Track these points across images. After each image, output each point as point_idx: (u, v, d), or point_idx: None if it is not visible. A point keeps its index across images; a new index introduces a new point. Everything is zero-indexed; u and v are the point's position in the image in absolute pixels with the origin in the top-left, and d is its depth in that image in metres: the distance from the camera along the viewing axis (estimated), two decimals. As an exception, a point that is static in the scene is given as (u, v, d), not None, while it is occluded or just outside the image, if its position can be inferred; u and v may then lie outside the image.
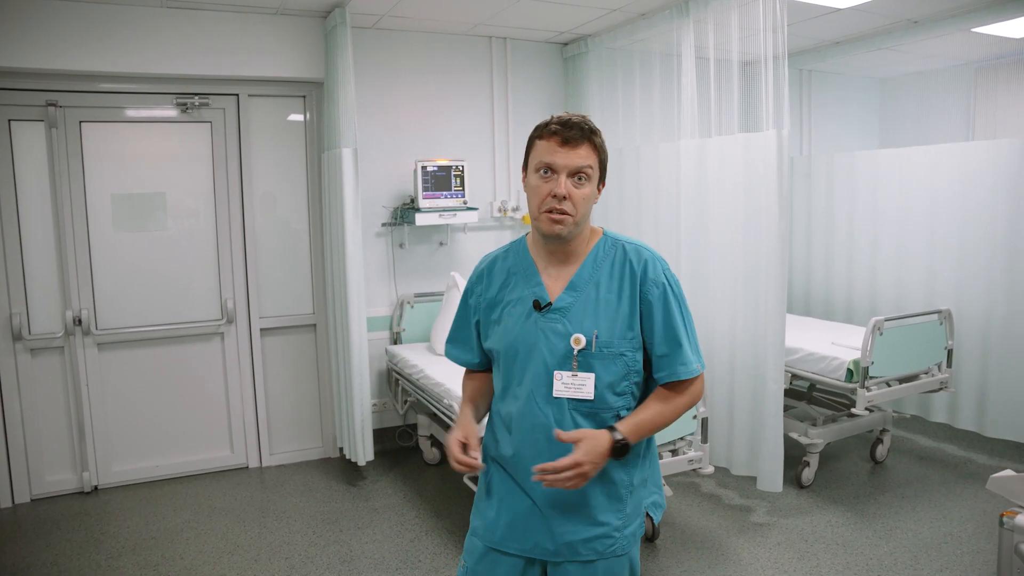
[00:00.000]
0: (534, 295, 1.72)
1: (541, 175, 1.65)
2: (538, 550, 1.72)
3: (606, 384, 1.67)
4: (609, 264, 1.72)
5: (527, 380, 1.70)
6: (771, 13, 3.56)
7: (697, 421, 3.26)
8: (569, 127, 1.62)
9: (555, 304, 1.70)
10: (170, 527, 3.79)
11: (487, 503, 1.80)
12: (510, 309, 1.75)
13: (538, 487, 1.68)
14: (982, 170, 4.48)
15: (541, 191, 1.65)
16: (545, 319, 1.70)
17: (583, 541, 1.70)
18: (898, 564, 3.31)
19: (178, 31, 4.04)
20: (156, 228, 4.32)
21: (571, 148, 1.62)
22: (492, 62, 4.99)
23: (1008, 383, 4.40)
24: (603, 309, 1.69)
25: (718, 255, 3.99)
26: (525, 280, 1.76)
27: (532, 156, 1.69)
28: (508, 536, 1.75)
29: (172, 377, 4.42)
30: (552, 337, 1.68)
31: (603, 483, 1.69)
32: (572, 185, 1.63)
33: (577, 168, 1.63)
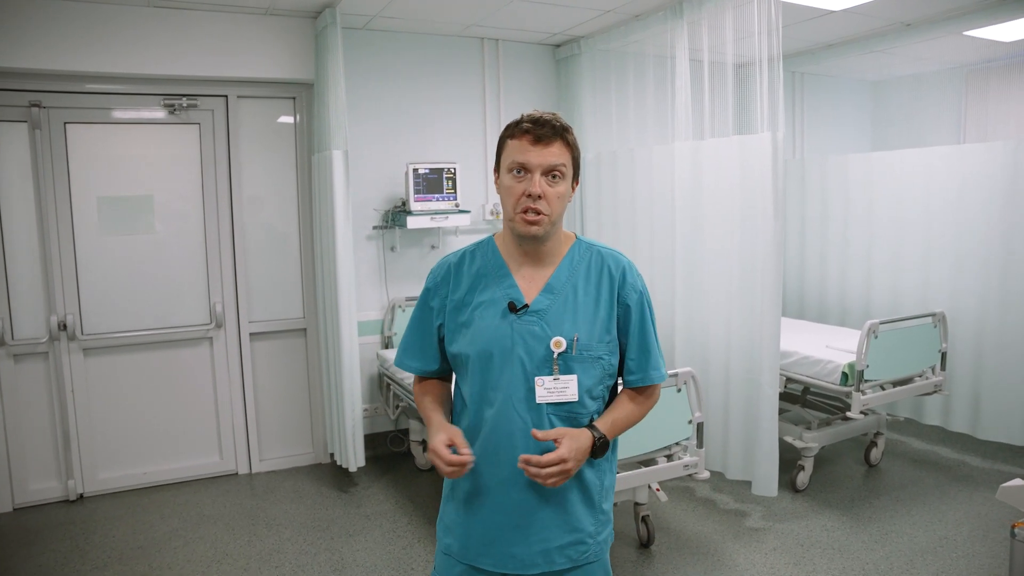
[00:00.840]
0: (508, 296, 1.67)
1: (514, 175, 1.62)
2: (514, 563, 1.67)
3: (585, 388, 1.66)
4: (585, 268, 1.71)
5: (503, 384, 1.64)
6: (766, 15, 3.55)
7: (692, 426, 3.23)
8: (541, 125, 1.60)
9: (532, 306, 1.66)
10: (158, 536, 3.73)
11: (458, 517, 1.73)
12: (481, 311, 1.68)
13: (513, 494, 1.65)
14: (975, 173, 4.48)
15: (515, 191, 1.62)
16: (521, 321, 1.65)
17: (558, 548, 1.67)
18: (894, 569, 3.28)
19: (165, 31, 3.98)
20: (144, 231, 4.26)
21: (544, 146, 1.60)
22: (484, 64, 4.95)
23: (1001, 385, 4.39)
24: (581, 312, 1.67)
25: (713, 258, 3.97)
26: (497, 281, 1.70)
27: (504, 156, 1.66)
28: (483, 552, 1.69)
29: (160, 382, 4.35)
30: (529, 340, 1.64)
31: (579, 488, 1.69)
32: (546, 184, 1.61)
33: (551, 166, 1.60)
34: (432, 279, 1.78)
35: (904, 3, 4.28)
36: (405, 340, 1.83)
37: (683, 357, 4.14)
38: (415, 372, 1.83)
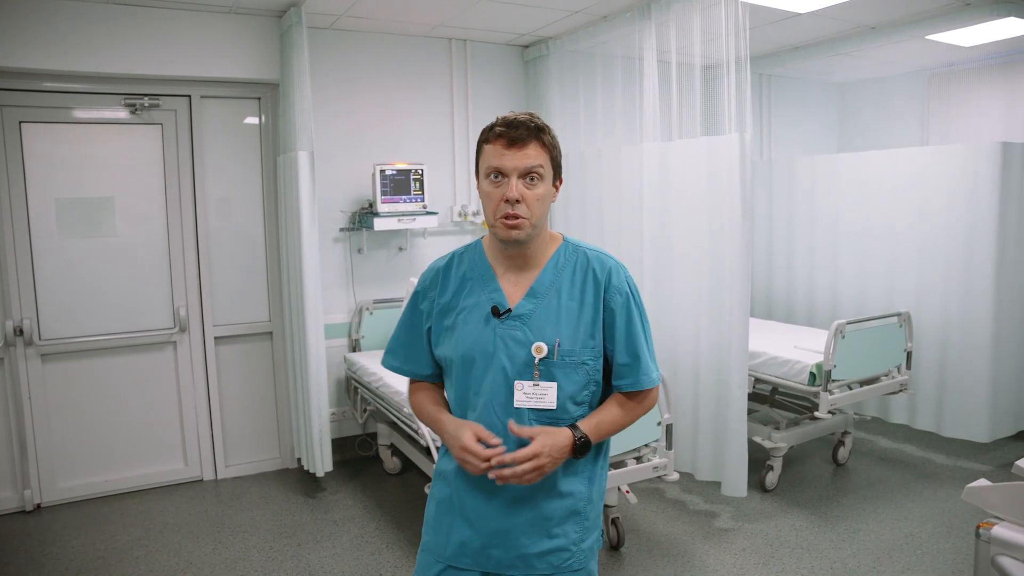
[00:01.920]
0: (492, 301, 1.66)
1: (492, 180, 1.60)
2: (492, 563, 1.66)
3: (567, 394, 1.63)
4: (571, 271, 1.68)
5: (484, 389, 1.63)
6: (733, 17, 3.56)
7: (661, 427, 3.22)
8: (514, 127, 1.57)
9: (515, 311, 1.64)
10: (119, 545, 3.64)
11: (439, 517, 1.73)
12: (466, 315, 1.67)
13: (493, 498, 1.64)
14: (939, 175, 4.54)
15: (494, 197, 1.59)
16: (504, 326, 1.63)
17: (538, 555, 1.65)
18: (861, 567, 3.31)
19: (126, 29, 3.90)
20: (105, 234, 4.16)
21: (519, 148, 1.57)
22: (452, 64, 4.92)
23: (964, 384, 4.45)
24: (565, 317, 1.64)
25: (681, 259, 3.97)
26: (482, 285, 1.69)
27: (481, 161, 1.64)
28: (461, 552, 1.68)
29: (122, 388, 4.25)
30: (512, 345, 1.62)
31: (561, 496, 1.66)
32: (524, 187, 1.58)
33: (528, 169, 1.57)
34: (421, 282, 1.78)
35: (868, 7, 4.33)
36: (395, 341, 1.82)
37: (652, 358, 4.13)
38: (404, 374, 1.82)
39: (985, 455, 4.58)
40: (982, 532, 1.49)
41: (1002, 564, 1.41)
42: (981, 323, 4.36)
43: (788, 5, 4.26)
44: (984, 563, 1.44)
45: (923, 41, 5.01)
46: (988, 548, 1.46)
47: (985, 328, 4.34)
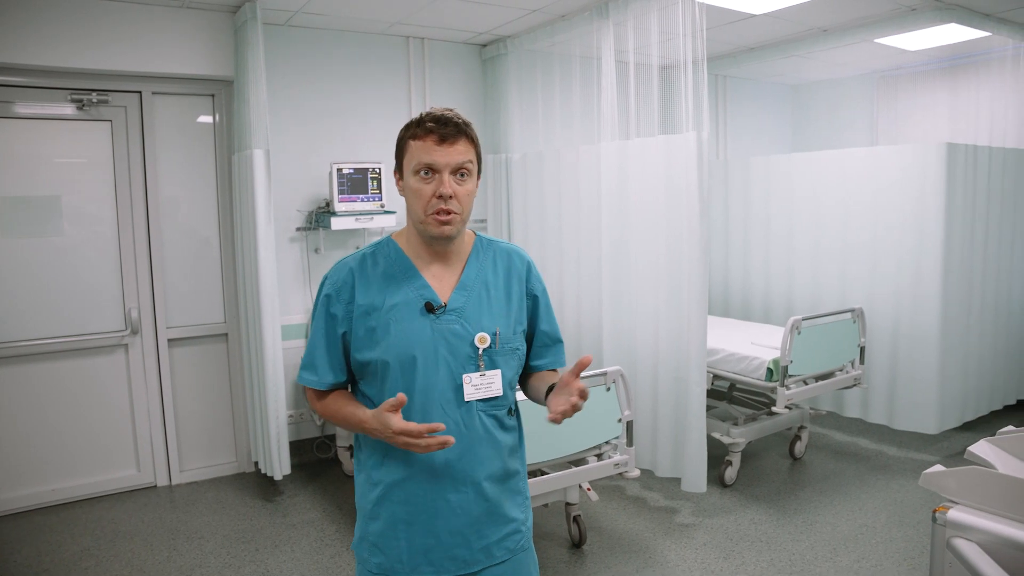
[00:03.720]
0: (423, 297, 1.63)
1: (422, 176, 1.59)
2: (455, 564, 1.65)
3: (507, 380, 1.68)
4: (491, 263, 1.73)
5: (429, 387, 1.60)
6: (690, 17, 3.59)
7: (622, 424, 3.23)
8: (445, 124, 1.57)
9: (450, 304, 1.64)
10: (66, 556, 3.52)
11: (392, 533, 1.66)
12: (396, 315, 1.61)
13: (451, 498, 1.62)
14: (888, 174, 4.65)
15: (424, 193, 1.58)
16: (441, 321, 1.62)
17: (497, 542, 1.69)
18: (819, 557, 3.37)
19: (72, 21, 3.78)
20: (51, 233, 4.03)
21: (450, 145, 1.57)
22: (410, 63, 4.89)
23: (914, 378, 4.56)
24: (496, 307, 1.68)
25: (640, 257, 4.00)
26: (407, 283, 1.65)
27: (408, 157, 1.62)
28: (422, 562, 1.65)
29: (70, 393, 4.12)
30: (452, 339, 1.62)
31: (507, 479, 1.71)
32: (455, 183, 1.59)
33: (458, 165, 1.59)
34: (332, 285, 1.66)
35: (820, 10, 4.42)
36: (311, 354, 1.68)
37: (611, 356, 4.16)
38: (325, 387, 1.68)
39: (934, 446, 4.71)
40: (938, 516, 1.53)
41: (956, 546, 1.45)
42: (929, 318, 4.48)
43: (743, 6, 4.33)
44: (940, 546, 1.49)
45: (872, 44, 5.15)
46: (944, 531, 1.51)
47: (933, 323, 4.46)
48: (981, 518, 1.50)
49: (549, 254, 4.74)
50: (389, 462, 1.64)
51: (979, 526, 1.47)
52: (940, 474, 1.58)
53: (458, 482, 1.62)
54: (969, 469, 1.54)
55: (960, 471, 1.55)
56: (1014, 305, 5.09)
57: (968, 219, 4.57)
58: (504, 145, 5.06)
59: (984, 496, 1.50)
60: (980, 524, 1.48)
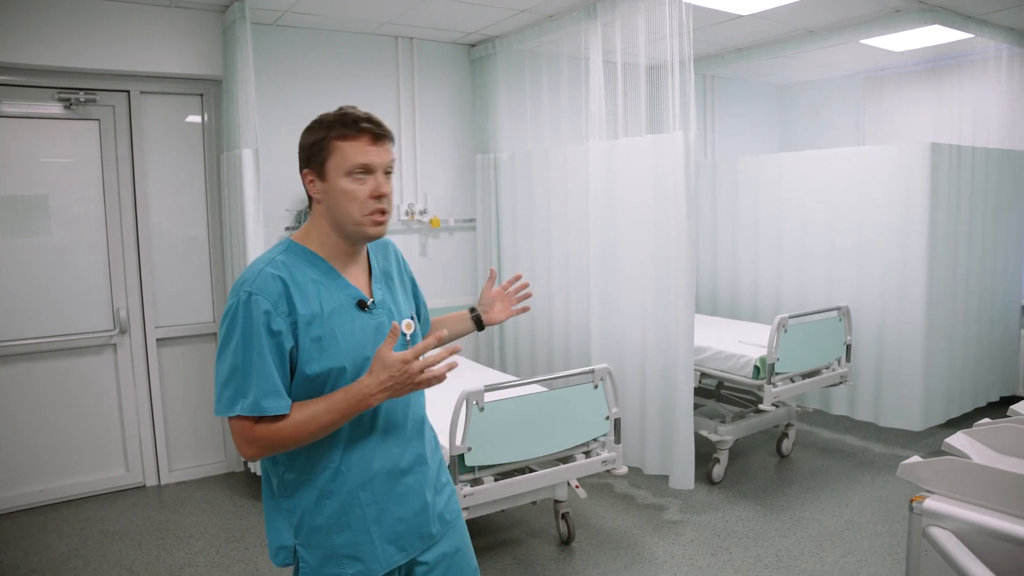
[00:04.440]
0: (352, 297, 1.62)
1: (356, 177, 1.56)
2: (421, 540, 1.71)
3: None
4: (382, 256, 1.79)
5: None
6: (677, 18, 3.62)
7: (610, 422, 3.26)
8: (379, 124, 1.59)
9: (376, 300, 1.67)
10: (53, 556, 3.51)
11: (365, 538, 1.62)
12: (337, 319, 1.58)
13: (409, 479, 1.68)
14: (874, 174, 4.69)
15: (359, 195, 1.55)
16: (374, 316, 1.64)
17: (445, 506, 1.78)
18: (805, 553, 3.40)
19: (60, 20, 3.78)
20: (38, 233, 4.01)
21: (381, 145, 1.59)
22: (399, 62, 4.90)
23: (900, 375, 4.61)
24: (400, 294, 1.77)
25: (628, 255, 4.02)
26: (333, 284, 1.61)
27: (337, 158, 1.56)
28: (397, 550, 1.66)
29: (58, 393, 4.11)
30: (386, 331, 1.65)
31: (433, 444, 1.82)
32: (386, 183, 1.61)
33: (389, 164, 1.61)
34: (265, 301, 1.50)
35: (806, 10, 4.46)
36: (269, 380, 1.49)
37: (600, 354, 4.19)
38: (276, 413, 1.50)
39: (919, 443, 4.76)
40: (914, 505, 1.56)
41: (932, 534, 1.48)
42: (914, 316, 4.52)
43: (730, 7, 4.37)
44: (916, 534, 1.52)
45: (858, 45, 5.20)
46: (920, 520, 1.54)
47: (918, 321, 4.50)
48: (956, 507, 1.53)
49: (538, 253, 4.77)
50: (348, 467, 1.60)
51: (954, 514, 1.51)
52: (917, 465, 1.62)
53: (412, 463, 1.70)
54: (944, 459, 1.58)
55: (936, 461, 1.59)
56: (997, 303, 5.15)
57: (952, 218, 4.62)
58: (492, 145, 5.07)
59: (959, 485, 1.54)
60: (954, 512, 1.51)
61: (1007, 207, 5.12)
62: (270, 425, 1.50)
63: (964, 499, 1.55)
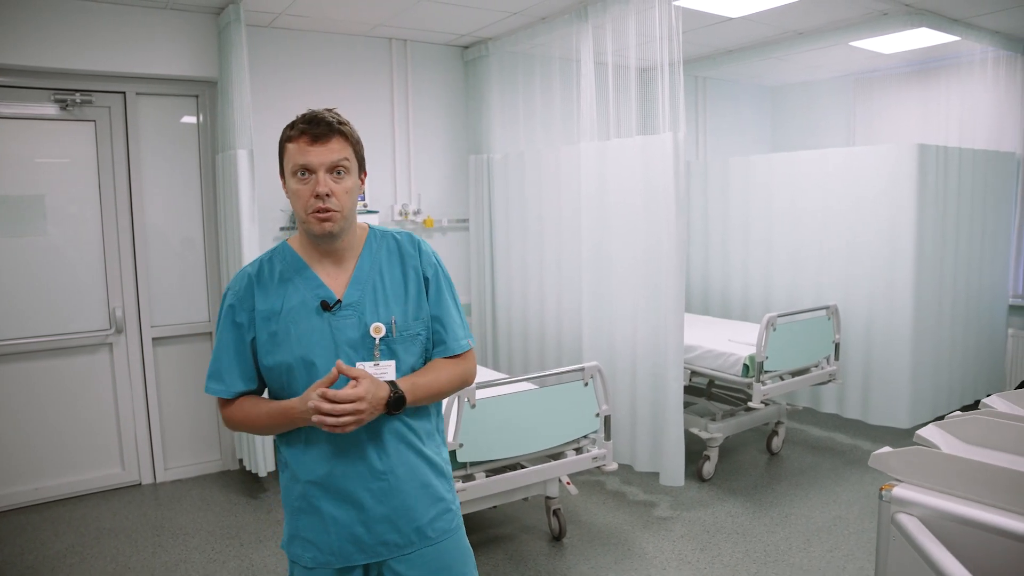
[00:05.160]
0: (318, 296, 1.66)
1: (299, 178, 1.61)
2: (387, 549, 1.68)
3: (408, 366, 1.70)
4: (386, 253, 1.75)
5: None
6: (666, 20, 3.67)
7: (600, 419, 3.30)
8: (316, 124, 1.61)
9: (345, 300, 1.67)
10: (50, 554, 3.54)
11: (319, 526, 1.68)
12: (294, 316, 1.66)
13: (372, 484, 1.65)
14: (863, 174, 4.74)
15: (303, 194, 1.61)
16: (338, 317, 1.66)
17: (428, 523, 1.71)
18: (793, 548, 3.45)
19: (56, 22, 3.81)
20: (33, 233, 4.05)
21: (322, 144, 1.60)
22: (392, 64, 4.94)
23: (888, 373, 4.66)
24: (392, 296, 1.71)
25: (619, 255, 4.07)
26: (304, 284, 1.68)
27: (286, 160, 1.65)
28: (356, 551, 1.68)
29: (54, 392, 4.14)
30: (350, 333, 1.65)
31: (426, 464, 1.73)
32: (332, 181, 1.61)
33: (333, 163, 1.61)
34: (234, 295, 1.69)
35: (796, 13, 4.51)
36: (218, 364, 1.69)
37: (591, 352, 4.23)
38: (232, 395, 1.70)
39: (907, 440, 4.74)
40: (884, 493, 1.63)
41: (899, 520, 1.54)
42: (902, 315, 4.58)
43: (720, 10, 4.42)
44: (885, 521, 1.58)
45: (848, 47, 5.25)
46: (889, 507, 1.60)
47: (906, 320, 4.56)
48: (922, 494, 1.58)
49: (530, 253, 4.81)
50: (311, 459, 1.67)
51: (920, 501, 1.56)
52: (887, 455, 1.68)
53: (378, 471, 1.66)
54: (913, 449, 1.64)
55: (905, 451, 1.65)
56: (984, 303, 5.22)
57: (939, 218, 4.68)
58: (486, 146, 5.12)
59: (926, 474, 1.59)
60: (920, 499, 1.56)
61: (994, 207, 5.19)
62: (226, 408, 1.72)
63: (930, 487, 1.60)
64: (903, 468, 1.64)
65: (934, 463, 1.60)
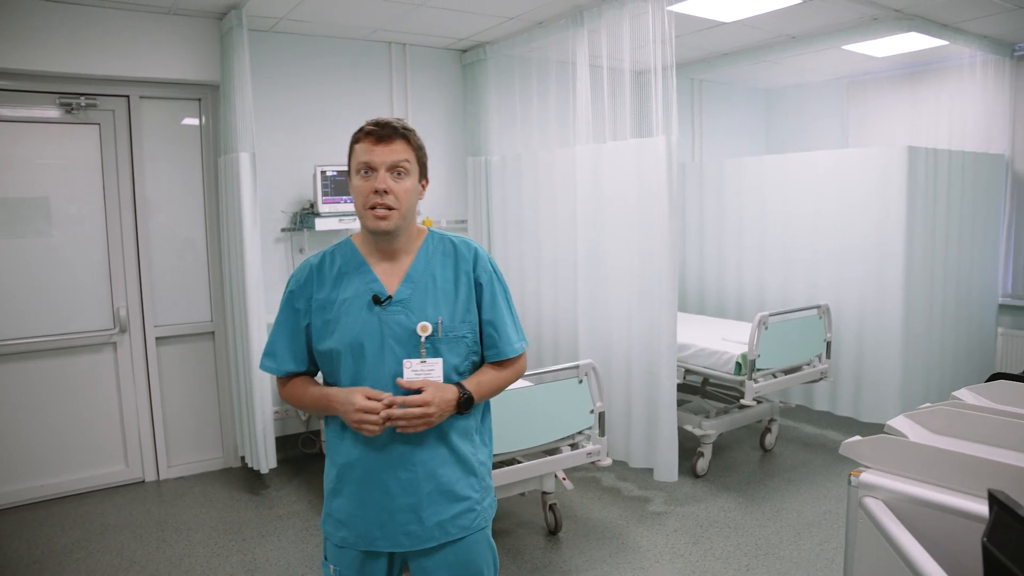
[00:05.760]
0: (371, 290, 1.77)
1: (362, 175, 1.73)
2: (409, 540, 1.77)
3: (452, 366, 1.78)
4: (441, 256, 1.84)
5: (376, 372, 1.74)
6: (660, 26, 3.74)
7: (594, 415, 3.38)
8: (382, 126, 1.73)
9: (396, 296, 1.77)
10: (57, 548, 3.62)
11: (351, 509, 1.80)
12: (347, 307, 1.77)
13: (400, 474, 1.74)
14: (855, 176, 4.82)
15: (363, 190, 1.73)
16: (387, 312, 1.75)
17: (451, 519, 1.79)
18: (783, 541, 3.53)
19: (61, 27, 3.88)
20: (38, 234, 4.12)
21: (386, 145, 1.72)
22: (392, 68, 5.02)
23: (880, 370, 4.74)
24: (442, 297, 1.80)
25: (614, 256, 4.15)
26: (359, 277, 1.80)
27: (352, 159, 1.77)
28: (379, 536, 1.77)
29: (59, 390, 4.22)
30: (397, 328, 1.75)
31: (456, 460, 1.80)
32: (391, 180, 1.72)
33: (394, 163, 1.72)
34: (295, 282, 1.85)
35: (788, 18, 4.59)
36: (273, 343, 1.85)
37: (586, 351, 4.31)
38: (284, 374, 1.86)
39: (899, 438, 4.88)
40: (852, 479, 1.72)
41: (866, 504, 1.64)
42: (892, 314, 4.65)
43: (713, 14, 4.50)
44: (854, 504, 1.68)
45: (839, 51, 5.33)
46: (857, 492, 1.70)
47: (896, 319, 4.63)
48: (886, 479, 1.69)
49: (527, 254, 4.89)
50: (346, 444, 1.79)
51: (884, 486, 1.66)
52: (856, 443, 1.79)
53: (407, 462, 1.75)
54: (879, 437, 1.74)
55: (872, 439, 1.75)
56: (974, 302, 5.30)
57: (929, 219, 4.76)
58: (484, 148, 5.20)
59: (891, 461, 1.70)
60: (885, 484, 1.67)
61: (983, 208, 5.27)
62: (280, 384, 1.89)
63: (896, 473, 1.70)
64: (870, 455, 1.75)
65: (899, 450, 1.71)
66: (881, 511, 1.54)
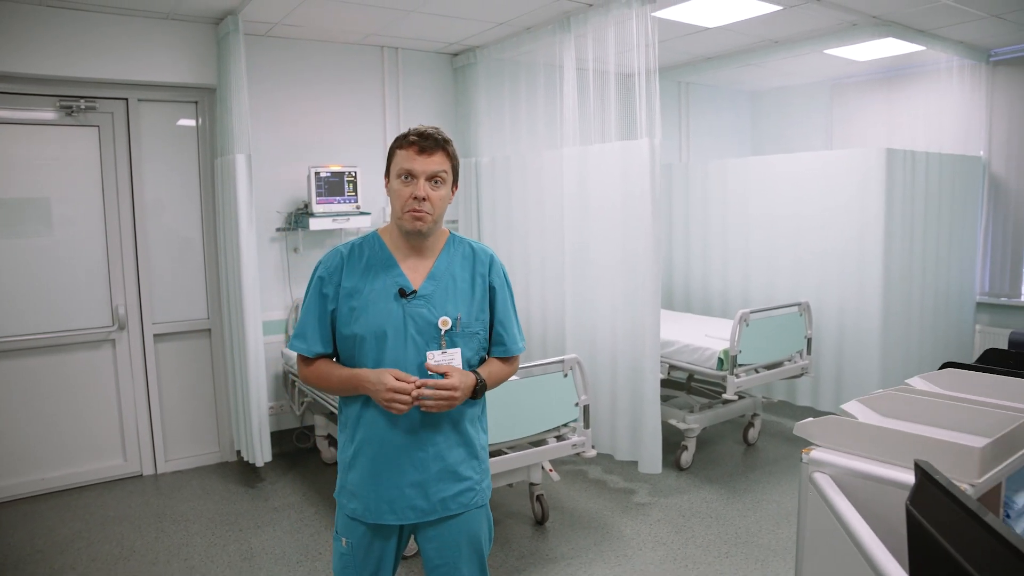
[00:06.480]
0: (397, 284, 1.92)
1: (403, 180, 1.88)
2: (415, 513, 1.93)
3: (465, 358, 1.95)
4: (461, 258, 2.01)
5: (398, 361, 1.89)
6: (643, 31, 3.87)
7: (579, 408, 3.50)
8: (425, 138, 1.87)
9: (419, 291, 1.92)
10: (58, 539, 3.72)
11: (364, 482, 1.94)
12: (373, 297, 1.91)
13: (414, 453, 1.90)
14: (836, 177, 4.95)
15: (403, 194, 1.88)
16: (411, 304, 1.91)
17: (453, 496, 1.95)
18: (763, 530, 3.66)
19: (61, 32, 3.99)
20: (38, 234, 4.22)
21: (427, 156, 1.87)
22: (384, 71, 5.13)
23: (859, 366, 4.88)
24: (460, 295, 1.96)
25: (599, 255, 4.27)
26: (385, 271, 1.94)
27: (393, 164, 1.92)
28: (388, 510, 1.93)
29: (58, 386, 4.32)
30: (419, 320, 1.91)
31: (462, 443, 1.98)
32: (429, 188, 1.87)
33: (433, 173, 1.88)
34: (325, 268, 1.96)
35: (770, 23, 4.72)
36: (302, 326, 1.97)
37: (574, 348, 4.43)
38: (311, 354, 1.97)
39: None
40: (804, 456, 1.90)
41: (815, 478, 1.81)
42: (871, 312, 4.79)
43: (697, 20, 4.62)
44: (805, 480, 1.84)
45: (822, 55, 5.46)
46: (808, 467, 1.87)
47: (875, 317, 4.77)
48: (833, 455, 1.86)
49: (516, 253, 5.00)
50: (364, 423, 1.93)
51: (831, 461, 1.84)
52: (808, 423, 1.97)
53: (422, 443, 1.91)
54: (828, 418, 1.92)
55: (822, 420, 1.93)
56: (952, 300, 5.44)
57: (907, 220, 4.90)
58: (474, 149, 5.32)
59: (839, 439, 1.87)
60: (831, 460, 1.84)
61: (960, 209, 5.41)
62: (304, 365, 2.00)
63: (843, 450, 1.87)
64: (820, 434, 1.93)
65: (846, 429, 1.88)
66: (827, 483, 1.71)
